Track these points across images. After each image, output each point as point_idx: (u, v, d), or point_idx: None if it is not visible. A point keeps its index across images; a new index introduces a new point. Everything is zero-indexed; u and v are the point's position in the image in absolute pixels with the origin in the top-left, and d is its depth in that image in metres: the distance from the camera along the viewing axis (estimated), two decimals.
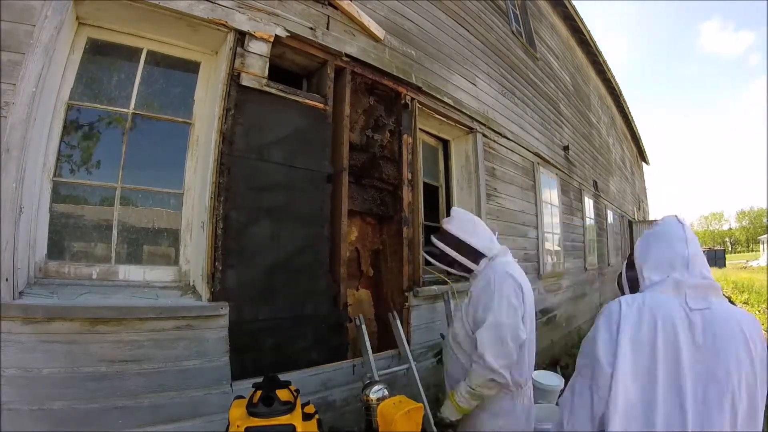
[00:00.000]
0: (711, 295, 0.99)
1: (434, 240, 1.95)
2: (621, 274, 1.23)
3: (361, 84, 2.91)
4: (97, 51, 1.99)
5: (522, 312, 1.67)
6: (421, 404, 1.64)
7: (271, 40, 2.27)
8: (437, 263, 1.94)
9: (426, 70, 3.44)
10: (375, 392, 1.74)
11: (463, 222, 1.92)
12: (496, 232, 1.95)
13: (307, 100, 2.45)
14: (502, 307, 1.64)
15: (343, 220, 2.49)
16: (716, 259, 34.57)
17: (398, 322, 2.63)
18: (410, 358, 2.57)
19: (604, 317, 1.00)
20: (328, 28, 2.63)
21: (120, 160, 1.99)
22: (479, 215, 3.84)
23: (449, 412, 1.76)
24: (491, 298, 1.68)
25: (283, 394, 1.36)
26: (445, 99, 3.55)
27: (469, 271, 1.88)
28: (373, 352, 2.47)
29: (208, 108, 2.14)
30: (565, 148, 6.74)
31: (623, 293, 1.19)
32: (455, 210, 2.03)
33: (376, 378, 2.19)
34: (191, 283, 2.02)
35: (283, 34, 2.33)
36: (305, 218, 2.37)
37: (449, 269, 1.93)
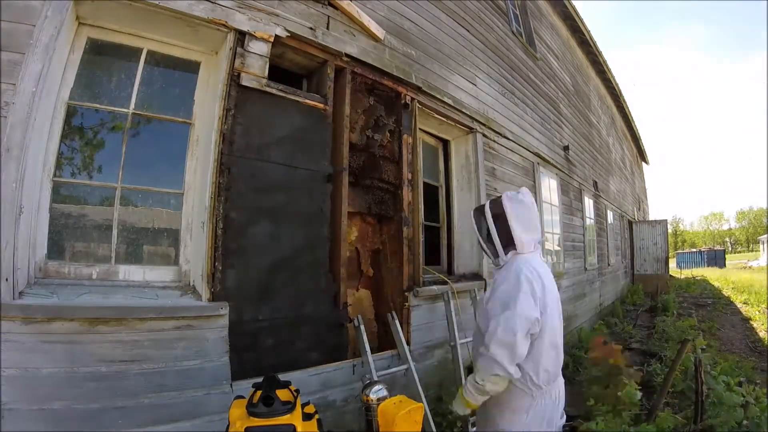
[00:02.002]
0: None
1: (486, 205, 1.86)
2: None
3: (361, 84, 2.91)
4: (97, 51, 1.99)
5: (539, 308, 1.61)
6: (421, 404, 1.64)
7: (271, 40, 2.27)
8: (475, 228, 1.90)
9: (426, 70, 3.44)
10: (375, 392, 1.73)
11: (522, 207, 1.78)
12: (542, 237, 1.86)
13: (307, 100, 2.45)
14: (518, 299, 1.58)
15: (343, 220, 2.49)
16: (716, 259, 34.47)
17: (397, 322, 2.63)
18: (409, 358, 2.57)
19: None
20: (328, 28, 2.62)
21: (120, 160, 1.99)
22: None
23: (457, 405, 1.76)
24: (507, 290, 1.63)
25: (283, 394, 1.36)
26: (445, 99, 3.55)
27: (496, 255, 1.79)
28: (374, 352, 2.47)
29: (208, 108, 2.14)
30: (565, 148, 6.74)
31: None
32: (524, 192, 1.83)
33: (375, 378, 2.19)
34: (191, 283, 2.02)
35: (283, 34, 2.33)
36: (305, 218, 2.37)
37: (481, 242, 1.88)
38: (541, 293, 1.65)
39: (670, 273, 15.64)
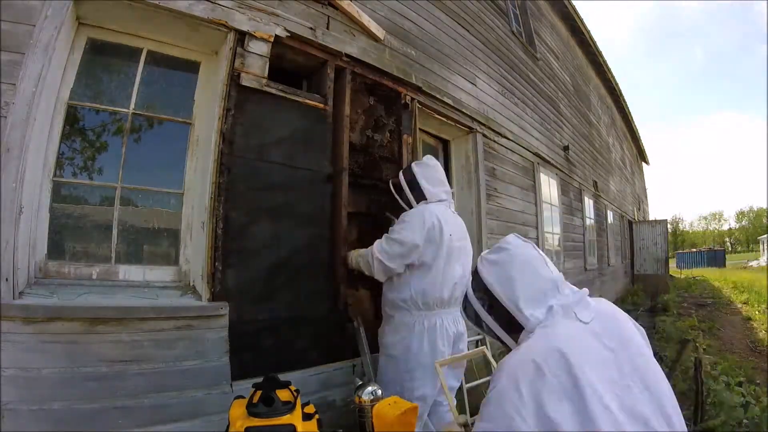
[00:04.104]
0: (587, 301, 1.01)
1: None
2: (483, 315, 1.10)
3: (361, 84, 2.91)
4: (97, 51, 1.99)
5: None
6: (416, 404, 1.63)
7: (271, 40, 2.27)
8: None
9: (426, 70, 3.44)
10: (368, 394, 1.72)
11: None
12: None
13: (307, 100, 2.45)
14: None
15: (343, 220, 2.49)
16: (716, 259, 34.48)
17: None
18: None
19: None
20: (328, 28, 2.62)
21: (120, 160, 1.99)
22: (479, 215, 3.84)
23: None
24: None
25: (283, 394, 1.36)
26: (445, 99, 3.55)
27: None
28: (373, 353, 2.47)
29: (208, 108, 2.14)
30: (565, 148, 6.74)
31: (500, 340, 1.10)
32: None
33: (373, 379, 2.18)
34: (191, 283, 2.02)
35: (283, 34, 2.33)
36: (305, 218, 2.37)
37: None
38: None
39: (670, 273, 15.65)
